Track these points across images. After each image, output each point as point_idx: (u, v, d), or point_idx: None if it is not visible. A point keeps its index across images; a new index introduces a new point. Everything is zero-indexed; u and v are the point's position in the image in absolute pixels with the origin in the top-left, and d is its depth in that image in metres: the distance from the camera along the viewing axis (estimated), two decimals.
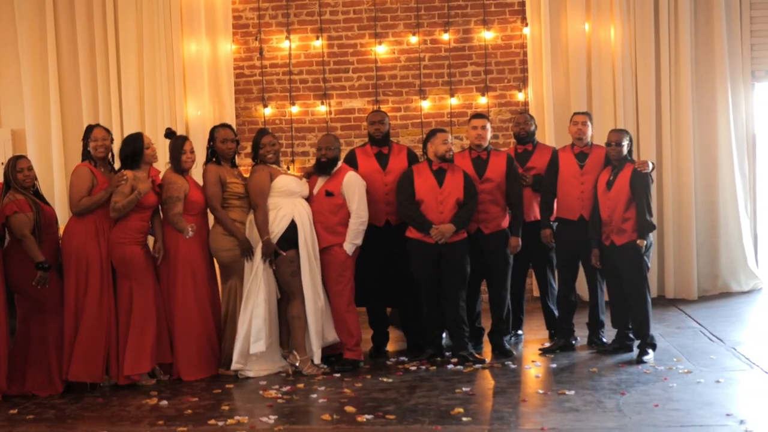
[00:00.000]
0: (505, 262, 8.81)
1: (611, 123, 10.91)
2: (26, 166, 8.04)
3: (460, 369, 8.29)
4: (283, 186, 8.41)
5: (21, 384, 8.04)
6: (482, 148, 8.85)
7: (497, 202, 8.76)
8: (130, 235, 8.15)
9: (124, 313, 8.15)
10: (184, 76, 11.62)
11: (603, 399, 7.15)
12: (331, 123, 11.84)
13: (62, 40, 11.81)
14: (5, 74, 12.18)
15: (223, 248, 8.39)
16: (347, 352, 8.54)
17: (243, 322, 8.28)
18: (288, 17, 11.87)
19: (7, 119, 12.20)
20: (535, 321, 10.01)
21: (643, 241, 8.30)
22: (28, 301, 8.07)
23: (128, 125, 11.53)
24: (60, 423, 7.20)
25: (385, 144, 9.01)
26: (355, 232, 8.48)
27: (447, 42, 11.71)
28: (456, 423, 6.69)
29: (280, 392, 7.71)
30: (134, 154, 8.28)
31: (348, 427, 6.73)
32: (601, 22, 11.31)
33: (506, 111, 11.65)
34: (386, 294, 9.02)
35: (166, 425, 6.94)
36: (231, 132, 8.69)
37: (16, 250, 7.96)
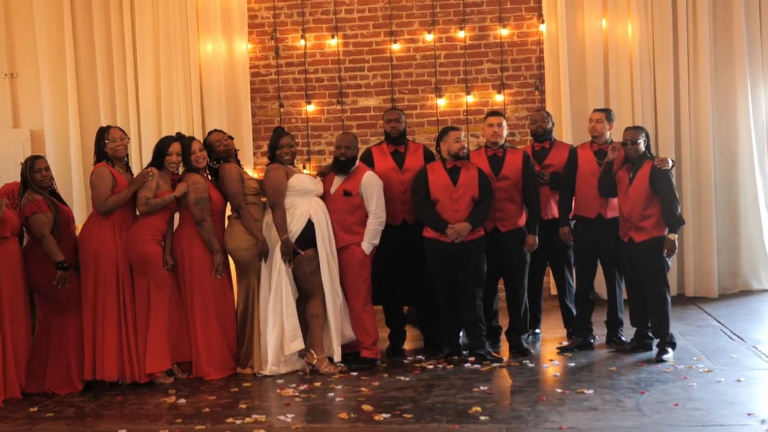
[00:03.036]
0: (522, 260, 8.77)
1: (629, 120, 10.84)
2: (44, 167, 8.06)
3: (478, 368, 8.26)
4: (299, 185, 8.40)
5: (41, 382, 8.07)
6: (498, 145, 8.82)
7: (514, 200, 8.73)
8: (150, 234, 8.16)
9: (141, 311, 8.16)
10: (200, 75, 11.63)
11: (622, 398, 7.11)
12: (346, 121, 11.82)
13: (80, 41, 11.83)
14: (24, 75, 12.22)
15: (242, 247, 8.38)
16: (364, 350, 8.52)
17: (274, 324, 8.27)
18: (303, 16, 11.85)
19: (26, 119, 12.23)
20: (552, 319, 9.96)
21: (674, 235, 8.25)
22: (48, 300, 8.11)
23: (145, 125, 11.57)
24: (79, 421, 7.21)
25: (402, 142, 8.99)
26: (373, 232, 8.46)
27: (463, 39, 11.67)
28: (474, 422, 6.66)
29: (298, 391, 7.71)
30: (157, 155, 8.35)
31: (365, 426, 6.72)
32: (618, 18, 11.25)
33: (523, 108, 11.60)
34: (403, 293, 9.00)
35: (184, 423, 6.94)
36: (221, 133, 8.71)
37: (35, 250, 7.99)
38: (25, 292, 8.01)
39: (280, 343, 8.29)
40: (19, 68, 12.25)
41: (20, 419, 7.31)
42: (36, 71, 11.99)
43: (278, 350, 8.29)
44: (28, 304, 8.05)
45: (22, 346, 7.93)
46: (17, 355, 7.86)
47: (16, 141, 12.04)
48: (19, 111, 12.26)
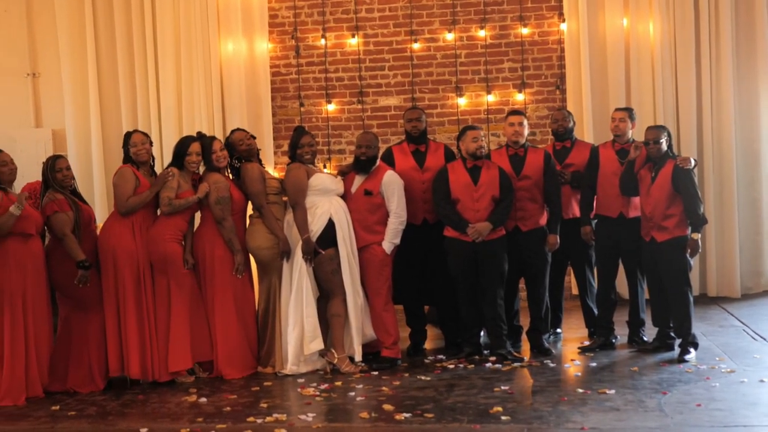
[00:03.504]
0: (543, 259, 8.75)
1: (650, 119, 10.79)
2: (65, 166, 8.09)
3: (499, 367, 8.24)
4: (319, 184, 8.40)
5: (63, 381, 8.10)
6: (519, 145, 8.80)
7: (535, 200, 8.71)
8: (171, 233, 8.19)
9: (162, 310, 8.19)
10: (221, 74, 11.65)
11: (644, 398, 7.08)
12: (367, 121, 11.82)
13: (101, 41, 11.87)
14: (45, 75, 12.29)
15: (263, 246, 8.39)
16: (385, 350, 8.52)
17: (294, 323, 8.28)
18: (324, 15, 11.86)
19: (48, 119, 12.30)
20: (574, 319, 9.93)
21: (697, 235, 8.21)
22: (69, 299, 8.14)
23: (166, 125, 11.61)
24: (101, 419, 7.24)
25: (423, 142, 8.98)
26: (394, 232, 8.46)
27: (483, 38, 11.65)
28: (495, 422, 6.65)
29: (319, 390, 7.71)
30: (177, 155, 8.38)
31: (386, 426, 6.71)
32: (639, 16, 11.20)
33: (543, 107, 11.58)
34: (424, 292, 8.99)
35: (206, 422, 6.95)
36: (243, 132, 8.71)
37: (57, 249, 8.02)
38: (47, 291, 8.04)
39: (300, 343, 8.29)
40: (41, 68, 12.31)
41: (42, 417, 7.34)
42: (58, 71, 12.04)
43: (298, 350, 8.30)
44: (50, 303, 8.09)
45: (45, 345, 7.97)
46: (40, 354, 7.89)
47: (38, 140, 12.10)
48: (41, 111, 12.33)
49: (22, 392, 7.76)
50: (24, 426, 7.16)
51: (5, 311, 7.72)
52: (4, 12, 12.30)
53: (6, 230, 7.67)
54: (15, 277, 7.74)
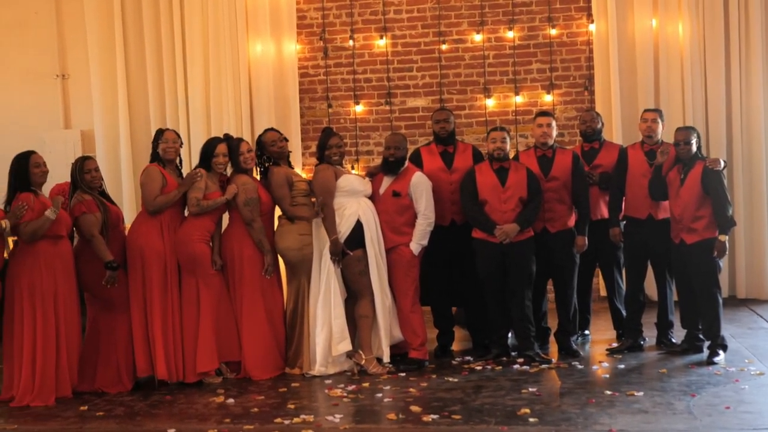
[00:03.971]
0: (571, 261, 8.73)
1: (679, 121, 10.73)
2: (93, 167, 8.12)
3: (527, 369, 8.22)
4: (347, 185, 8.41)
5: (91, 381, 8.14)
6: (548, 146, 8.78)
7: (563, 201, 8.68)
8: (199, 234, 8.21)
9: (190, 311, 8.21)
10: (249, 76, 11.69)
11: (673, 400, 7.04)
12: (395, 122, 11.82)
13: (130, 42, 11.94)
14: (75, 76, 12.38)
15: (292, 247, 8.40)
16: (412, 351, 8.51)
17: (322, 324, 8.29)
18: (352, 16, 11.87)
19: (77, 120, 12.39)
20: (602, 321, 9.90)
21: (725, 237, 8.16)
22: (98, 299, 8.17)
23: (194, 126, 11.66)
24: (129, 420, 7.26)
25: (451, 142, 8.97)
26: (422, 233, 8.45)
27: (512, 39, 11.63)
28: (523, 424, 6.63)
29: (346, 391, 7.71)
30: (204, 157, 8.40)
31: (414, 427, 6.71)
32: (669, 17, 11.15)
33: (572, 109, 11.55)
34: (451, 293, 8.98)
35: (233, 423, 6.96)
36: (276, 133, 8.71)
37: (85, 249, 8.06)
38: (76, 292, 8.09)
39: (328, 344, 8.30)
40: (70, 69, 12.41)
41: (71, 418, 7.37)
42: (87, 72, 12.12)
43: (326, 351, 8.30)
44: (79, 304, 8.13)
45: (74, 345, 8.00)
46: (69, 355, 7.92)
47: (67, 141, 12.19)
48: (70, 112, 12.43)
49: (51, 393, 7.79)
50: (53, 426, 7.19)
51: (36, 312, 7.75)
52: (34, 14, 12.40)
53: (41, 234, 7.70)
54: (46, 279, 7.78)
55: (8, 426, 7.22)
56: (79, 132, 12.26)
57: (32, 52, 12.42)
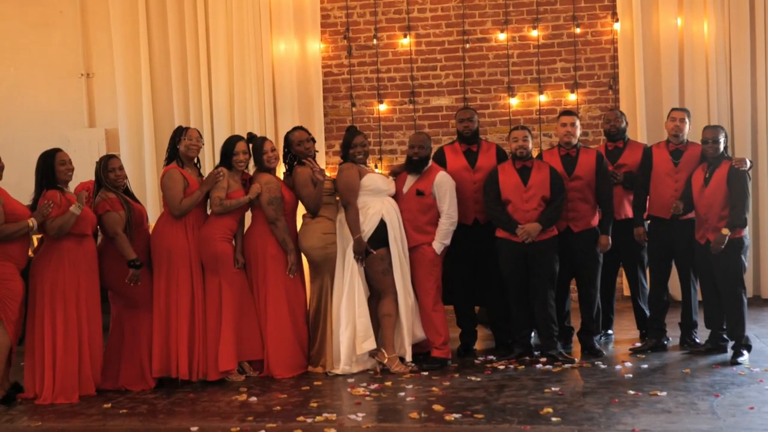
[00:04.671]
0: (594, 260, 8.70)
1: (704, 120, 10.67)
2: (117, 166, 8.16)
3: (549, 368, 8.21)
4: (371, 184, 8.42)
5: (115, 379, 8.19)
6: (571, 145, 8.75)
7: (587, 200, 8.66)
8: (222, 233, 8.23)
9: (213, 309, 8.23)
10: (273, 74, 11.71)
11: (696, 401, 7.01)
12: (418, 121, 11.81)
13: (154, 41, 11.98)
14: (99, 75, 12.44)
15: (316, 246, 8.41)
16: (435, 350, 8.51)
17: (346, 323, 8.30)
18: (376, 15, 11.88)
19: (101, 119, 12.44)
20: (625, 321, 9.87)
21: (728, 231, 8.11)
22: (121, 298, 8.22)
23: (218, 125, 11.68)
24: (152, 417, 7.29)
25: (474, 142, 8.96)
26: (445, 232, 8.44)
27: (536, 38, 11.61)
28: (545, 423, 6.61)
29: (369, 390, 7.71)
30: (224, 155, 8.42)
31: (436, 426, 6.70)
32: (694, 16, 11.09)
33: (596, 108, 11.51)
34: (474, 292, 8.97)
35: (256, 421, 6.97)
36: (304, 133, 8.70)
37: (108, 248, 8.10)
38: (99, 291, 8.12)
39: (352, 343, 8.30)
40: (95, 68, 12.47)
41: (94, 415, 7.41)
42: (111, 71, 12.17)
43: (351, 350, 8.31)
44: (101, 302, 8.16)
45: (97, 344, 8.04)
46: (92, 353, 7.97)
47: (91, 140, 12.24)
48: (95, 110, 12.49)
49: (75, 390, 7.84)
50: (77, 423, 7.23)
51: (58, 311, 7.80)
52: (59, 13, 12.47)
53: (66, 230, 7.75)
54: (69, 277, 7.82)
55: (32, 423, 7.27)
56: (103, 131, 12.31)
57: (57, 51, 12.49)
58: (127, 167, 8.43)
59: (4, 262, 7.65)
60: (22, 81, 12.56)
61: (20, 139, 12.03)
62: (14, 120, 12.48)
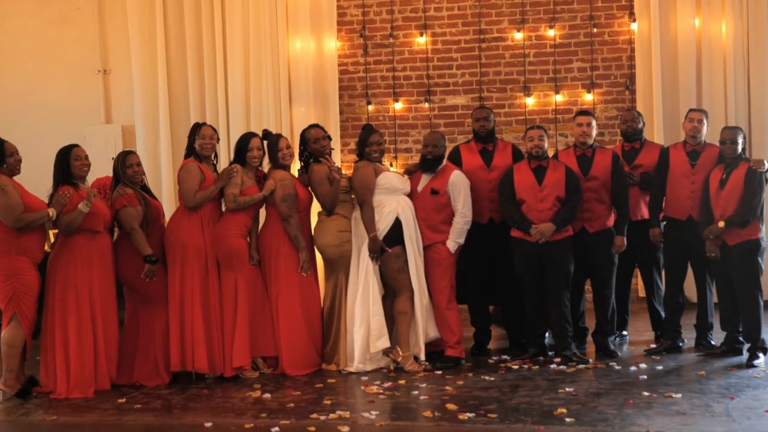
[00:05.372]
0: (610, 261, 8.67)
1: (722, 121, 10.60)
2: (135, 162, 8.19)
3: (564, 369, 8.18)
4: (387, 183, 8.41)
5: (129, 374, 8.21)
6: (587, 145, 8.73)
7: (602, 201, 8.63)
8: (237, 229, 8.25)
9: (229, 305, 8.24)
10: (289, 72, 11.71)
11: (711, 403, 6.98)
12: (434, 120, 11.80)
13: (171, 38, 12.00)
14: (116, 71, 12.47)
15: (331, 244, 8.42)
16: (449, 349, 8.50)
17: (361, 321, 8.30)
18: (392, 14, 11.87)
19: (118, 115, 12.47)
20: (640, 322, 9.84)
21: (723, 224, 8.10)
22: (136, 293, 8.24)
23: (234, 123, 11.69)
24: (166, 413, 7.31)
25: (490, 141, 8.95)
26: (459, 231, 8.43)
27: (552, 38, 11.58)
28: (559, 423, 6.59)
29: (382, 388, 7.71)
30: (238, 152, 8.43)
31: (449, 425, 6.69)
32: (712, 16, 11.04)
33: (612, 108, 11.48)
34: (489, 292, 8.97)
35: (269, 418, 6.98)
36: (320, 130, 8.69)
37: (124, 243, 8.12)
38: (114, 286, 8.15)
39: (366, 341, 8.30)
40: (111, 65, 12.49)
41: (109, 410, 7.43)
42: (128, 68, 12.20)
43: (365, 348, 8.31)
44: (116, 298, 8.18)
45: (111, 339, 8.06)
46: (107, 348, 7.99)
47: (108, 136, 12.28)
48: (112, 107, 12.51)
49: (90, 385, 7.86)
50: (91, 418, 7.26)
51: (70, 306, 7.83)
52: (76, 10, 12.50)
53: (75, 227, 7.78)
54: (81, 273, 7.85)
55: (47, 417, 7.30)
56: (120, 127, 12.34)
57: (74, 48, 12.52)
58: (143, 163, 8.43)
59: (18, 256, 7.68)
60: (39, 77, 12.59)
61: (37, 135, 12.04)
62: (31, 116, 12.50)
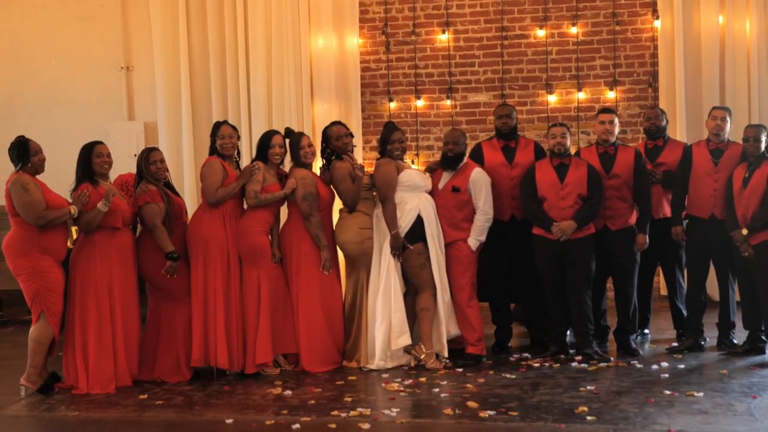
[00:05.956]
0: (631, 259, 8.64)
1: (745, 119, 10.55)
2: (159, 159, 8.22)
3: (585, 367, 8.17)
4: (408, 180, 8.41)
5: (151, 370, 8.24)
6: (609, 143, 8.70)
7: (624, 199, 8.60)
8: (260, 226, 8.27)
9: (251, 302, 8.26)
10: (311, 70, 11.72)
11: (733, 402, 6.95)
12: (456, 117, 11.79)
13: (193, 35, 12.02)
14: (139, 68, 12.50)
15: (352, 241, 8.43)
16: (470, 346, 8.49)
17: (382, 318, 8.30)
18: (414, 11, 11.86)
19: (140, 112, 12.50)
20: (662, 320, 9.79)
21: (746, 231, 8.07)
22: (158, 289, 8.27)
23: (256, 119, 11.71)
24: (188, 409, 7.34)
25: (512, 138, 8.94)
26: (480, 229, 8.42)
27: (575, 35, 11.54)
28: (580, 422, 6.58)
29: (403, 385, 7.71)
30: (260, 149, 8.45)
31: (470, 423, 6.69)
32: (736, 14, 10.97)
33: (635, 106, 11.43)
34: (510, 289, 8.95)
35: (290, 415, 6.99)
36: (343, 128, 8.70)
37: (147, 239, 8.16)
38: (136, 282, 8.18)
39: (387, 338, 8.30)
40: (134, 62, 12.52)
41: (130, 406, 7.46)
42: (151, 65, 12.23)
43: (386, 345, 8.31)
44: (138, 294, 8.21)
45: (132, 335, 8.09)
46: (127, 344, 8.02)
47: (130, 133, 12.31)
48: (134, 104, 12.55)
49: (110, 381, 7.90)
50: (113, 414, 7.29)
51: (90, 302, 7.87)
52: (99, 7, 12.54)
53: (94, 225, 7.83)
54: (100, 269, 7.88)
55: (69, 413, 7.33)
56: (142, 124, 12.37)
57: (97, 45, 12.56)
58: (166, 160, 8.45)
59: (41, 255, 7.71)
60: (62, 74, 12.64)
61: (60, 132, 12.10)
62: (54, 112, 12.56)
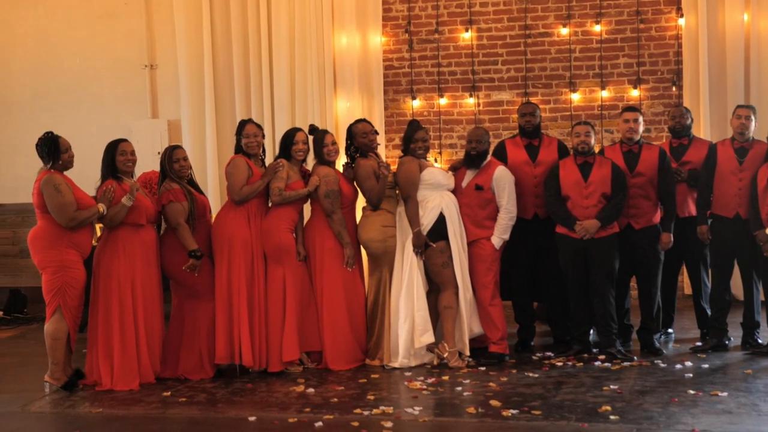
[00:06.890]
0: (655, 258, 8.61)
1: None
2: (182, 157, 8.24)
3: (608, 366, 8.14)
4: (431, 178, 8.41)
5: (174, 367, 8.26)
6: (634, 141, 8.67)
7: (649, 197, 8.57)
8: (285, 224, 8.29)
9: (276, 300, 8.27)
10: (334, 68, 11.73)
11: (758, 402, 6.91)
12: (479, 115, 11.77)
13: (217, 33, 12.05)
14: (162, 66, 12.55)
15: (375, 239, 8.43)
16: (492, 345, 8.47)
17: (405, 316, 8.30)
18: (438, 9, 11.85)
19: (164, 110, 12.55)
20: (686, 319, 9.76)
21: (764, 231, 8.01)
22: (182, 287, 8.29)
23: (279, 118, 11.72)
24: (211, 406, 7.35)
25: (536, 136, 8.92)
26: (503, 227, 8.41)
27: (599, 33, 11.50)
28: (603, 421, 6.56)
29: (426, 384, 7.71)
30: (284, 146, 8.46)
31: (493, 421, 6.68)
32: (761, 11, 10.91)
33: (659, 104, 11.39)
34: (533, 288, 8.94)
35: (313, 413, 7.00)
36: (368, 125, 8.70)
37: (170, 238, 8.18)
38: (159, 280, 8.20)
39: (410, 336, 8.30)
40: (158, 60, 12.58)
41: (154, 403, 7.49)
42: (174, 63, 12.28)
43: (409, 343, 8.31)
44: (161, 291, 8.24)
45: (155, 332, 8.13)
46: (151, 342, 8.06)
47: (154, 131, 12.36)
48: (158, 102, 12.60)
49: (134, 378, 7.93)
50: (136, 411, 7.31)
51: (113, 298, 7.90)
52: (123, 5, 12.59)
53: (118, 221, 7.86)
54: (123, 266, 7.91)
55: (93, 409, 7.37)
56: (166, 122, 12.42)
57: (121, 43, 12.62)
58: (189, 158, 8.48)
59: (69, 250, 7.75)
60: (86, 71, 12.71)
61: (84, 129, 12.17)
62: (78, 110, 12.64)
